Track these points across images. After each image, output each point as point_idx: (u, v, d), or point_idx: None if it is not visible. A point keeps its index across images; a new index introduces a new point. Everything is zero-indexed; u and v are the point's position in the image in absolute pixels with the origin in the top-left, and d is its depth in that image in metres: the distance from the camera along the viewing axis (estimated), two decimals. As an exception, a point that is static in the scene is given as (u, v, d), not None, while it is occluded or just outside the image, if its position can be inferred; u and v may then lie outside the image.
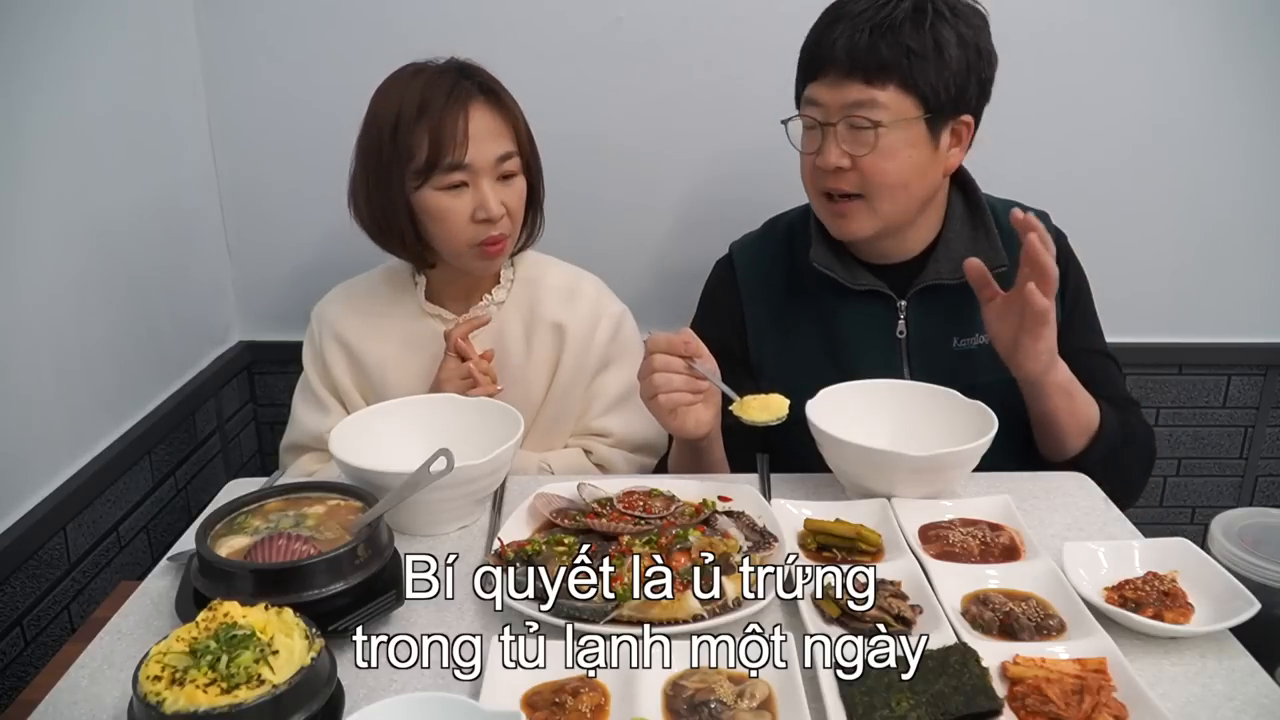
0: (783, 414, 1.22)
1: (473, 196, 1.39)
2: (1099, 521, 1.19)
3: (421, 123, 1.36)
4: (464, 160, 1.36)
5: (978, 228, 1.43)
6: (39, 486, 1.45)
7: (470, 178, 1.38)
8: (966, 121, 1.35)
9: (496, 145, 1.39)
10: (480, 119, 1.38)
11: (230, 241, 2.02)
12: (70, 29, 1.50)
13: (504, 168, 1.41)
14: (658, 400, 1.25)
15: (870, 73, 1.28)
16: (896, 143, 1.30)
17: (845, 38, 1.29)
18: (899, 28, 1.27)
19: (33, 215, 1.43)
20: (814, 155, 1.35)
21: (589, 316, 1.54)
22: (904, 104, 1.30)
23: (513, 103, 1.44)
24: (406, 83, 1.39)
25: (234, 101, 1.92)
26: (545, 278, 1.56)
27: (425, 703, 0.79)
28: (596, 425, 1.55)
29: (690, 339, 1.26)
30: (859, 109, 1.29)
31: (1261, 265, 1.99)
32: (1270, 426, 2.12)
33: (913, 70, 1.28)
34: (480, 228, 1.40)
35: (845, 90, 1.30)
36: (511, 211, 1.43)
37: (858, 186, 1.34)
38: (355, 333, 1.53)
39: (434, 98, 1.37)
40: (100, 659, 0.96)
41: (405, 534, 1.16)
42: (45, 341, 1.45)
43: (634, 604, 0.96)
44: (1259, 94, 1.87)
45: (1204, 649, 0.94)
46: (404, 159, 1.37)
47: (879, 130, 1.29)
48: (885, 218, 1.36)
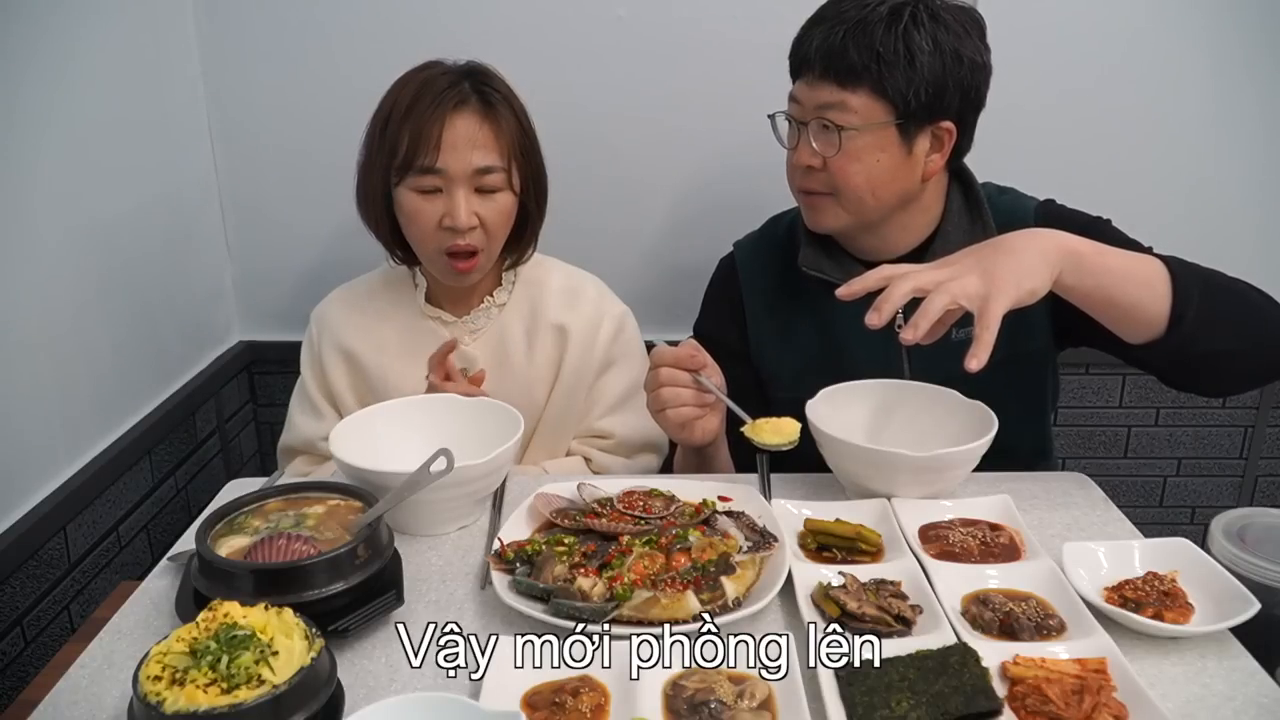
0: (794, 438, 1.21)
1: (444, 202, 1.38)
2: (1099, 521, 1.19)
3: (407, 121, 1.36)
4: (436, 165, 1.36)
5: (975, 222, 1.42)
6: (39, 486, 1.45)
7: (444, 184, 1.38)
8: (948, 128, 1.34)
9: (477, 156, 1.37)
10: (463, 127, 1.37)
11: (230, 241, 2.02)
12: (70, 30, 1.50)
13: (484, 180, 1.39)
14: (666, 415, 1.26)
15: (842, 75, 1.29)
16: (864, 147, 1.31)
17: (821, 38, 1.30)
18: (870, 31, 1.27)
19: (33, 216, 1.43)
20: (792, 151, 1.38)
21: (591, 318, 1.53)
22: (874, 109, 1.30)
23: (513, 118, 1.41)
24: (410, 78, 1.40)
25: (234, 102, 1.92)
26: (547, 280, 1.56)
27: (425, 703, 0.79)
28: (598, 426, 1.55)
29: (696, 352, 1.27)
30: (828, 110, 1.31)
31: (1261, 265, 1.97)
32: (1270, 426, 2.12)
33: (881, 75, 1.28)
34: (448, 234, 1.39)
35: (819, 91, 1.31)
36: (487, 226, 1.41)
37: (826, 186, 1.35)
38: (355, 337, 1.53)
39: (423, 97, 1.37)
40: (100, 659, 0.96)
41: (405, 534, 1.16)
42: (45, 341, 1.45)
43: (634, 604, 0.96)
44: (1259, 94, 1.87)
45: (1204, 649, 0.94)
46: (388, 153, 1.38)
47: (844, 133, 1.30)
48: (855, 215, 1.37)
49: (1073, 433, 2.13)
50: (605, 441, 1.55)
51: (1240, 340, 1.19)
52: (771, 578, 1.02)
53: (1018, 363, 1.37)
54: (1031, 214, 1.42)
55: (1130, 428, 2.13)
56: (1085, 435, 2.13)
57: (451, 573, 1.10)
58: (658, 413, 1.28)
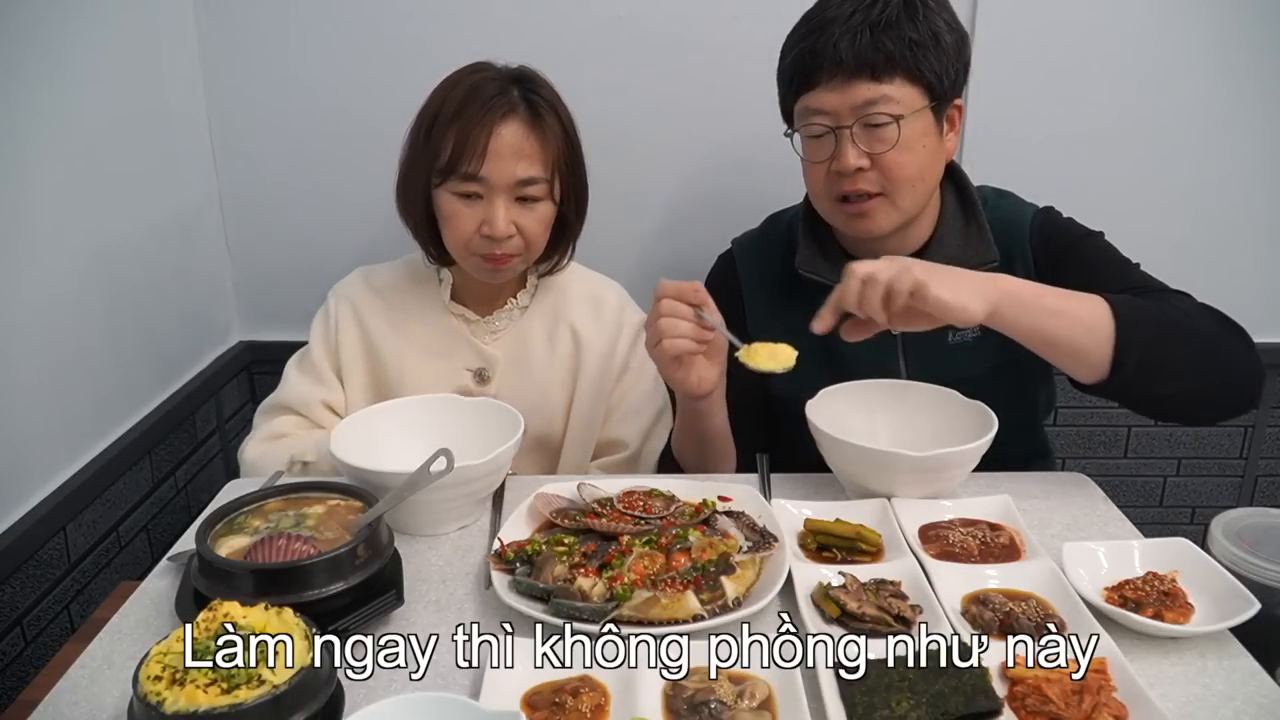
0: (789, 363, 1.20)
1: (484, 210, 1.38)
2: (1099, 521, 1.19)
3: (453, 125, 1.36)
4: (479, 173, 1.35)
5: (969, 223, 1.42)
6: (39, 486, 1.45)
7: (485, 191, 1.37)
8: (958, 105, 1.37)
9: (521, 166, 1.37)
10: (510, 136, 1.36)
11: (230, 241, 2.02)
12: (70, 30, 1.50)
13: (526, 191, 1.38)
14: (662, 346, 1.23)
15: (877, 69, 1.28)
16: (912, 135, 1.31)
17: (846, 40, 1.28)
18: (896, 23, 1.28)
19: (33, 216, 1.43)
20: (827, 162, 1.33)
21: (611, 329, 1.53)
22: (912, 95, 1.30)
23: (559, 128, 1.41)
24: (458, 80, 1.39)
25: (234, 102, 1.92)
26: (570, 285, 1.56)
27: (425, 703, 0.79)
28: (613, 433, 1.54)
29: (699, 288, 1.25)
30: (873, 106, 1.29)
31: (1261, 265, 1.99)
32: (1270, 426, 2.12)
33: (917, 60, 1.28)
34: (485, 242, 1.39)
35: (853, 91, 1.29)
36: (526, 235, 1.40)
37: (877, 185, 1.33)
38: (376, 322, 1.52)
39: (471, 103, 1.36)
40: (100, 659, 0.96)
41: (405, 534, 1.16)
42: (45, 341, 1.45)
43: (634, 604, 0.96)
44: (1259, 93, 1.87)
45: (1204, 649, 0.94)
46: (431, 155, 1.38)
47: (900, 123, 1.29)
48: (905, 212, 1.35)
49: (1073, 433, 2.12)
50: (619, 456, 1.52)
51: (1194, 383, 1.21)
52: (771, 578, 1.02)
53: (1013, 369, 1.37)
54: (1029, 221, 1.42)
55: (1130, 428, 2.13)
56: (1085, 435, 2.13)
57: (451, 573, 1.10)
58: (654, 347, 1.24)
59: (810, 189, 1.42)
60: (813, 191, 1.41)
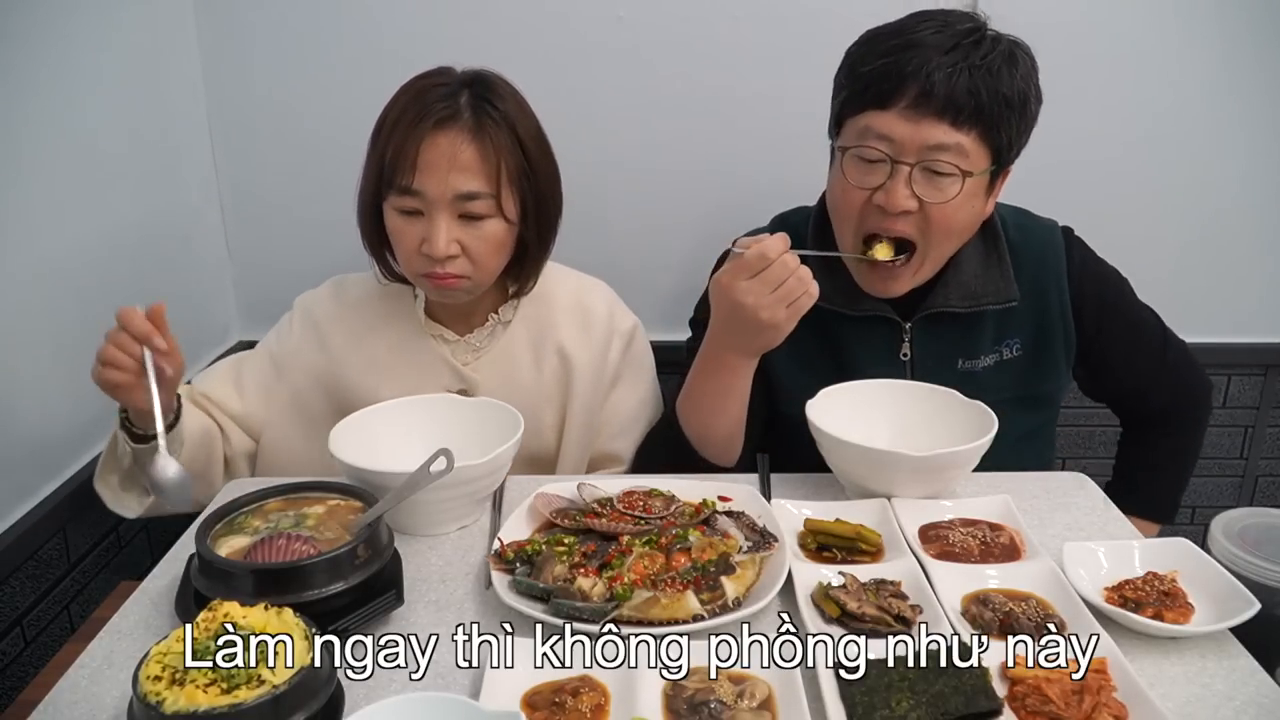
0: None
1: (424, 226, 1.29)
2: (1099, 521, 1.19)
3: (392, 136, 1.28)
4: (412, 187, 1.27)
5: (990, 255, 1.37)
6: (39, 486, 1.45)
7: (424, 206, 1.28)
8: (1008, 171, 1.30)
9: (459, 180, 1.26)
10: (445, 148, 1.26)
11: (230, 241, 2.02)
12: (70, 30, 1.50)
13: (467, 207, 1.28)
14: (787, 285, 1.13)
15: (961, 114, 1.18)
16: (969, 193, 1.22)
17: (942, 73, 1.17)
18: (997, 74, 1.18)
19: (34, 217, 1.43)
20: (870, 191, 1.24)
21: (601, 340, 1.46)
22: (981, 154, 1.22)
23: (509, 138, 1.29)
24: (408, 86, 1.32)
25: (234, 103, 1.92)
26: (555, 294, 1.47)
27: (425, 703, 0.79)
28: (609, 448, 1.50)
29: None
30: (943, 152, 1.19)
31: (1261, 265, 1.99)
32: (1270, 426, 2.12)
33: (999, 119, 1.19)
34: (425, 260, 1.30)
35: (928, 129, 1.19)
36: (472, 255, 1.30)
37: (917, 232, 1.25)
38: (342, 346, 1.43)
39: (408, 112, 1.27)
40: (100, 659, 0.96)
41: (405, 534, 1.16)
42: (45, 341, 1.45)
43: (634, 604, 0.96)
44: (1259, 93, 1.87)
45: (1204, 649, 0.94)
46: (375, 166, 1.31)
47: (966, 179, 1.20)
48: (928, 268, 1.29)
49: (1073, 433, 2.12)
50: (615, 470, 1.49)
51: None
52: (771, 578, 1.02)
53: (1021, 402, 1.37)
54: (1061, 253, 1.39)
55: (1130, 428, 2.12)
56: (1085, 435, 2.13)
57: (451, 573, 1.10)
58: (774, 290, 1.14)
59: (837, 210, 1.33)
60: (839, 215, 1.32)
